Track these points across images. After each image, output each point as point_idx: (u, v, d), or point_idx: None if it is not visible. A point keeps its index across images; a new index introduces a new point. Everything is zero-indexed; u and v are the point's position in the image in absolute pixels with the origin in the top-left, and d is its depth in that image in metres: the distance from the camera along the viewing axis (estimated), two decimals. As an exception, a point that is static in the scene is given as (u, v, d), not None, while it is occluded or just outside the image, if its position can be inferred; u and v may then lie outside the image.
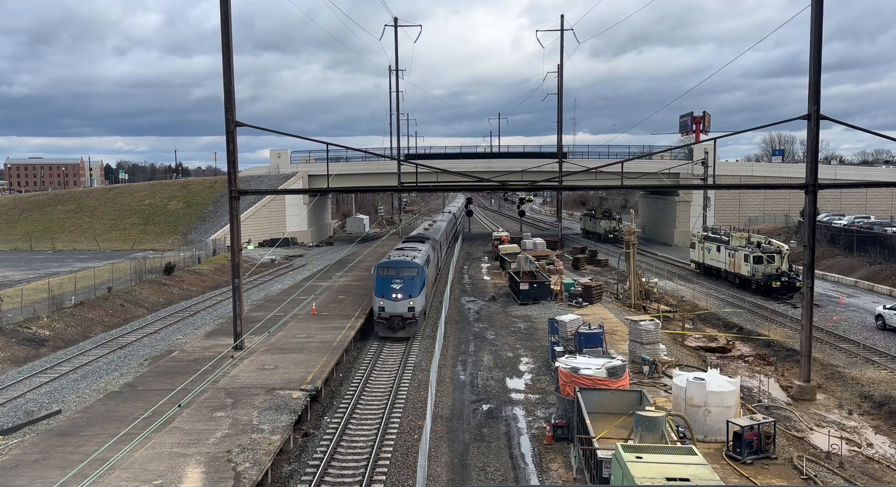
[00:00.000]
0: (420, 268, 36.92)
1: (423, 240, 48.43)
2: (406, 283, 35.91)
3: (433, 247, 49.18)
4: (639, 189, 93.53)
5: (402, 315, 35.55)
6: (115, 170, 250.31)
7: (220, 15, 30.91)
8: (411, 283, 36.06)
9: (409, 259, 37.86)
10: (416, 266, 36.93)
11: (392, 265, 37.10)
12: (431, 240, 50.98)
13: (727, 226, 74.11)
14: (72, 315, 41.44)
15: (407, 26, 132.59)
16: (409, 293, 35.81)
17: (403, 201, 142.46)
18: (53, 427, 22.57)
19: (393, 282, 35.82)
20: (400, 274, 36.22)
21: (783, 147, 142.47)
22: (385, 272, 36.57)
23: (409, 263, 37.10)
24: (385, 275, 36.33)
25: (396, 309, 35.57)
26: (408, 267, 36.74)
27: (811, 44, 26.77)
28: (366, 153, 61.62)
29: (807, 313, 28.22)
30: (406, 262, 37.20)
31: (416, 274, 36.40)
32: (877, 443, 24.03)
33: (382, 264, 37.44)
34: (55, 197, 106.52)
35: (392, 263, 37.31)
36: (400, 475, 20.35)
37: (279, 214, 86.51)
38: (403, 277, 36.03)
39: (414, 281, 36.20)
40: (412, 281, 36.13)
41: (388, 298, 35.72)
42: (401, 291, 35.69)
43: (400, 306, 35.63)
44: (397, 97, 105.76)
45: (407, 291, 35.81)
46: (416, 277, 36.40)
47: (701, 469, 14.48)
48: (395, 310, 35.58)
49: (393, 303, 35.63)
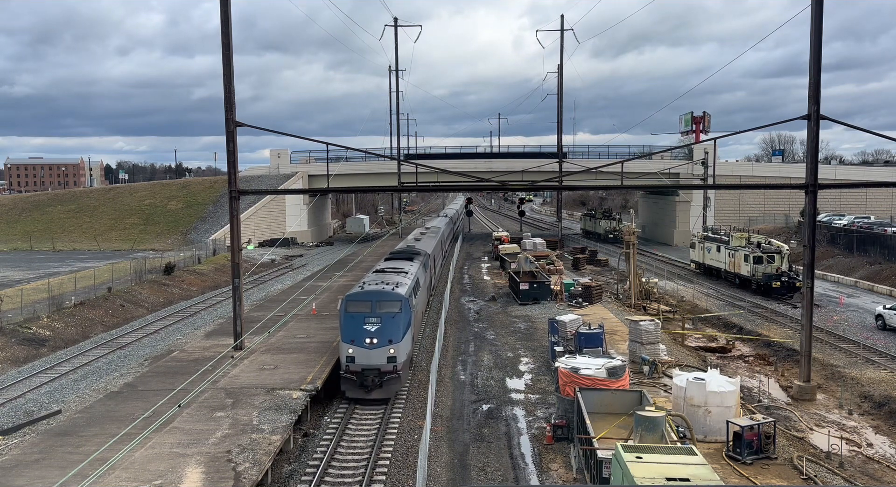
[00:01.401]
0: (404, 302, 27.40)
1: (412, 257, 38.99)
2: (385, 323, 26.44)
3: (424, 265, 40.32)
4: (639, 189, 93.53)
5: (378, 368, 25.94)
6: (115, 170, 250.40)
7: (220, 15, 30.92)
8: (392, 323, 26.51)
9: (389, 288, 28.37)
10: (398, 298, 27.46)
11: (365, 297, 27.44)
12: (422, 254, 41.73)
13: (727, 226, 74.10)
14: (72, 315, 41.45)
15: (407, 26, 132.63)
16: (389, 336, 26.18)
17: (403, 201, 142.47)
18: (53, 428, 22.57)
19: (367, 322, 26.41)
20: (376, 310, 26.86)
21: (783, 147, 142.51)
22: (356, 307, 27.03)
23: (389, 295, 27.59)
24: (356, 312, 26.84)
25: (371, 360, 25.95)
26: (387, 300, 27.35)
27: (811, 44, 26.78)
28: (366, 153, 61.64)
29: (807, 313, 28.22)
30: (385, 294, 27.65)
31: (398, 311, 26.93)
32: (877, 443, 24.03)
33: (352, 297, 27.70)
34: (55, 197, 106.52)
35: (366, 295, 27.63)
36: (400, 475, 20.35)
37: (279, 214, 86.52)
38: (381, 315, 26.68)
39: (396, 319, 26.66)
40: (393, 320, 26.62)
41: (359, 344, 26.06)
42: (377, 335, 26.17)
43: (376, 356, 26.02)
44: (397, 97, 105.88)
45: (386, 334, 26.20)
46: (399, 314, 26.87)
47: (701, 469, 14.48)
48: (368, 362, 25.95)
49: (366, 352, 26.00)
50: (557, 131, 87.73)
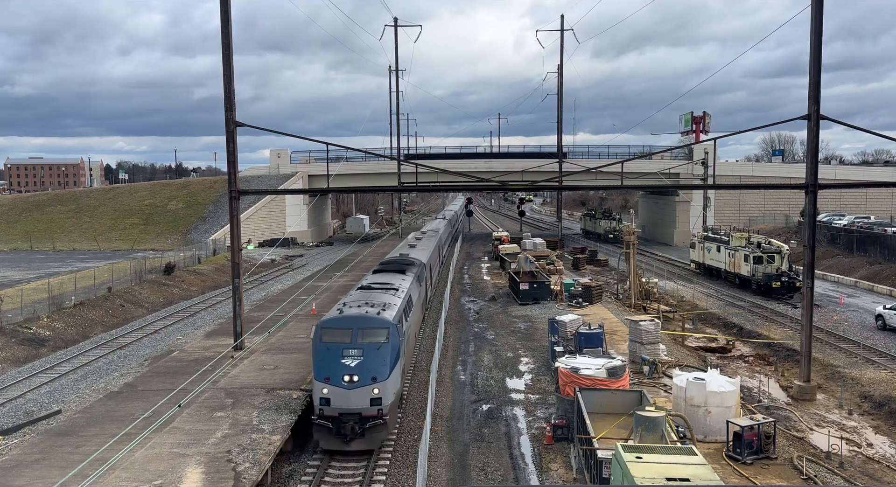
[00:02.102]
0: (392, 329, 22.59)
1: (404, 270, 34.11)
2: (368, 357, 21.72)
3: (419, 279, 35.24)
4: (639, 189, 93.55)
5: (359, 412, 21.09)
6: (115, 170, 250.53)
7: (220, 15, 30.93)
8: (377, 356, 21.82)
9: (374, 311, 23.40)
10: (384, 325, 22.63)
11: (344, 324, 22.61)
12: (416, 265, 36.99)
13: (727, 226, 74.11)
14: (72, 315, 41.44)
15: (407, 26, 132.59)
16: (374, 373, 21.44)
17: (403, 201, 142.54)
18: (53, 428, 22.57)
19: (345, 355, 21.72)
20: (358, 339, 22.14)
21: (783, 147, 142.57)
22: (332, 336, 22.28)
23: (374, 321, 22.71)
24: (332, 343, 22.06)
25: (350, 403, 21.13)
26: (372, 327, 22.50)
27: (811, 44, 26.78)
28: (366, 153, 61.63)
29: (807, 313, 28.22)
30: (368, 320, 22.75)
31: (384, 340, 22.19)
32: (877, 443, 24.04)
33: (328, 323, 22.86)
34: (55, 197, 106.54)
35: (344, 321, 22.74)
36: (400, 475, 20.35)
37: (279, 214, 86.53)
38: (364, 346, 21.97)
39: (381, 351, 21.96)
40: (378, 352, 21.90)
41: (336, 383, 21.22)
42: (358, 371, 21.39)
43: (357, 397, 21.15)
44: (397, 97, 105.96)
45: (369, 370, 21.47)
46: (385, 345, 22.12)
47: (701, 469, 14.48)
48: (347, 405, 21.13)
49: (344, 393, 21.14)
50: (557, 131, 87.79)
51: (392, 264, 36.10)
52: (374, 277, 31.94)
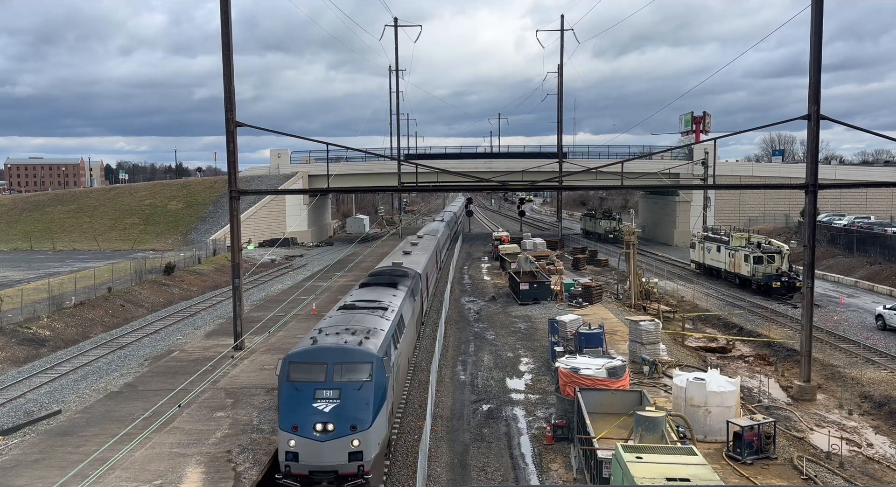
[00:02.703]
0: (376, 363, 18.45)
1: (396, 283, 29.73)
2: (347, 399, 17.64)
3: (412, 292, 31.12)
4: (639, 189, 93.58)
5: (335, 470, 17.26)
6: (115, 171, 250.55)
7: (220, 15, 30.94)
8: (357, 399, 17.70)
9: (355, 340, 19.27)
10: (367, 358, 18.49)
11: (318, 358, 18.46)
12: (410, 276, 32.62)
13: (727, 226, 74.12)
14: (72, 315, 41.44)
15: (407, 26, 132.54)
16: (353, 420, 17.40)
17: (403, 201, 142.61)
18: (53, 428, 22.58)
19: (318, 398, 17.63)
20: (334, 377, 18.01)
21: (783, 147, 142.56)
22: (303, 373, 18.17)
23: (355, 354, 18.56)
24: (302, 382, 17.99)
25: (324, 459, 17.21)
26: (352, 361, 18.38)
27: (811, 44, 26.77)
28: (366, 153, 61.65)
29: (807, 313, 28.22)
30: (348, 352, 18.59)
31: (366, 378, 18.05)
32: (877, 443, 24.04)
33: (298, 357, 18.67)
34: (55, 197, 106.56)
35: (318, 354, 18.58)
36: (400, 475, 20.35)
37: (279, 214, 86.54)
38: (341, 386, 17.86)
39: (363, 392, 17.84)
40: (359, 393, 17.80)
41: (306, 434, 17.22)
42: (334, 418, 17.32)
43: (332, 451, 17.22)
44: (397, 97, 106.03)
45: (347, 417, 17.41)
46: (368, 383, 17.99)
47: (701, 469, 14.48)
48: (319, 461, 17.22)
49: (316, 446, 17.21)
50: (557, 131, 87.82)
51: (382, 276, 31.45)
52: (360, 293, 27.24)
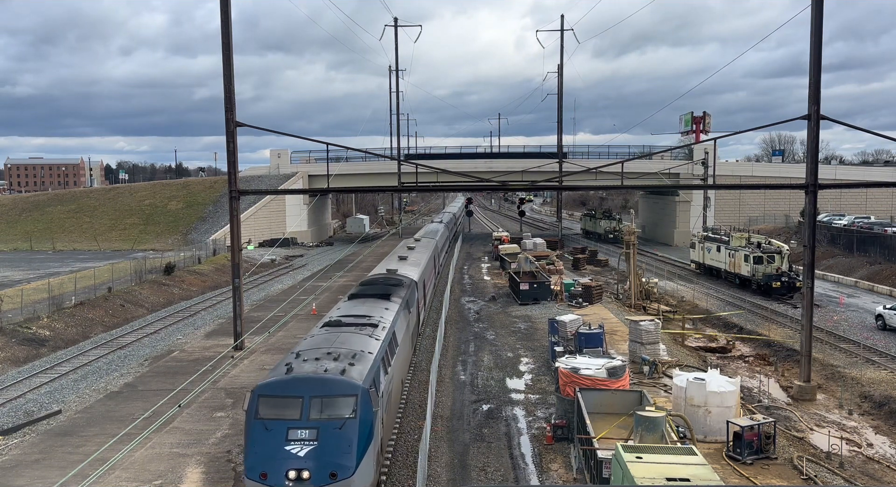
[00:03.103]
0: (361, 396, 15.73)
1: (388, 294, 26.69)
2: (326, 440, 15.01)
3: (407, 304, 27.98)
4: (639, 189, 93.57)
5: None
6: (115, 171, 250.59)
7: (220, 15, 30.94)
8: (338, 439, 15.09)
9: (337, 368, 16.42)
10: (351, 391, 15.75)
11: (292, 389, 15.74)
12: (405, 286, 29.75)
13: (727, 226, 74.13)
14: (72, 315, 41.44)
15: (407, 26, 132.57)
16: (333, 466, 14.74)
17: (403, 201, 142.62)
18: (53, 428, 22.58)
19: (291, 439, 14.95)
20: (310, 413, 15.31)
21: (783, 147, 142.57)
22: (273, 409, 15.47)
23: (336, 385, 15.82)
24: (272, 419, 15.28)
25: None
26: (331, 393, 15.65)
27: (811, 44, 26.77)
28: (366, 153, 61.68)
29: (807, 313, 28.22)
30: (327, 383, 15.87)
31: (349, 414, 15.38)
32: (877, 443, 24.03)
33: (268, 389, 15.87)
34: (55, 197, 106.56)
35: (292, 386, 15.82)
36: (400, 475, 20.34)
37: (279, 214, 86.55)
38: (319, 424, 15.16)
39: (345, 431, 15.19)
40: (341, 432, 15.17)
41: (276, 482, 14.58)
42: (310, 463, 14.65)
43: None
44: (397, 97, 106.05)
45: (326, 462, 14.75)
46: (351, 421, 15.32)
47: (701, 469, 14.48)
48: None
49: None
50: (558, 131, 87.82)
51: (373, 286, 28.40)
52: (347, 306, 24.21)
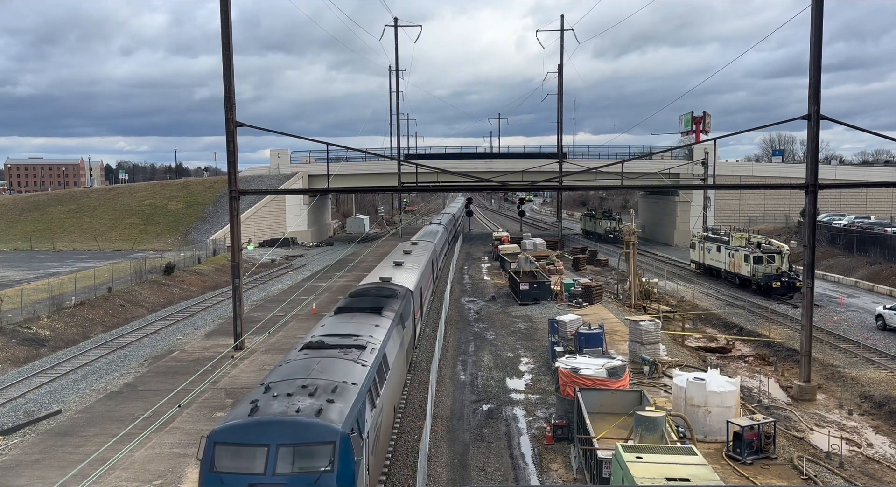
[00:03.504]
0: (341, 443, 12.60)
1: (380, 308, 23.80)
2: None
3: (402, 318, 25.04)
4: (639, 189, 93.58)
5: None
6: (115, 171, 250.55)
7: (220, 15, 30.94)
8: None
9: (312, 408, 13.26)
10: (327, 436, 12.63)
11: (256, 435, 12.58)
12: (399, 297, 26.66)
13: (727, 226, 74.13)
14: (72, 315, 41.44)
15: (407, 26, 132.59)
16: None
17: (403, 201, 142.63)
18: (53, 428, 22.58)
19: None
20: (277, 467, 12.25)
21: (783, 147, 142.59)
22: (232, 460, 12.44)
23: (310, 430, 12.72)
24: (231, 473, 12.32)
25: None
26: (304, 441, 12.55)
27: (811, 44, 26.77)
28: (366, 153, 61.67)
29: (807, 313, 28.22)
30: (299, 427, 12.72)
31: (325, 466, 12.33)
32: (877, 443, 24.03)
33: (227, 433, 12.71)
34: (55, 197, 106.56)
35: (257, 430, 12.65)
36: (400, 475, 20.34)
37: (279, 214, 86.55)
38: (289, 479, 12.16)
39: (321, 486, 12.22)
40: None
41: None
42: None
43: None
44: (397, 97, 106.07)
45: None
46: (328, 475, 12.28)
47: (701, 469, 14.47)
48: None
49: None
50: (558, 131, 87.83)
51: (363, 299, 25.34)
52: (333, 323, 21.26)
